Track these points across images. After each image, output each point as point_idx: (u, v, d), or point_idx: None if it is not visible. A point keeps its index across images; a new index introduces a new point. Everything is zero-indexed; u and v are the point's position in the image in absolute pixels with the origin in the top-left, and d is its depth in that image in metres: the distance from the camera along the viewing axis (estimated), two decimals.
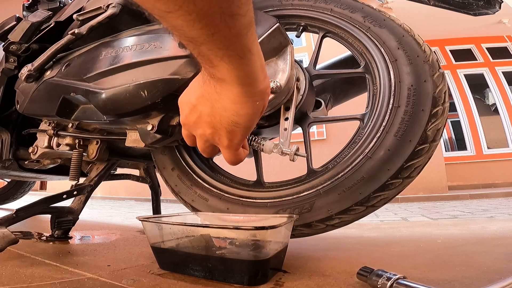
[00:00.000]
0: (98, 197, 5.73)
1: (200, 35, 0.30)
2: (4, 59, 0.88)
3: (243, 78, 0.35)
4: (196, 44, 0.32)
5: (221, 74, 0.35)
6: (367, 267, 0.44)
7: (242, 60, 0.34)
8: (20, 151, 0.99)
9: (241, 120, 0.39)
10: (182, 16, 0.28)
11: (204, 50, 0.32)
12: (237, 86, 0.36)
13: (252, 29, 0.32)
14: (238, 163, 0.47)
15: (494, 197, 4.06)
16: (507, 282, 0.35)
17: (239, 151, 0.45)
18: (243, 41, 0.32)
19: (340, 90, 0.89)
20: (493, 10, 0.76)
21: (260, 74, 0.37)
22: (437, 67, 0.61)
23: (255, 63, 0.35)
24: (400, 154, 0.57)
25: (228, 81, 0.36)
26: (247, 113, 0.39)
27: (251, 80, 0.36)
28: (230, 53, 0.32)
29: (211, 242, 0.50)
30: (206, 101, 0.40)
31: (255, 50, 0.35)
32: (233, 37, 0.31)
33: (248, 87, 0.37)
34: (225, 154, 0.45)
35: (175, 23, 0.29)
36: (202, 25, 0.29)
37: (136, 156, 1.03)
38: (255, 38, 0.34)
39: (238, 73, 0.35)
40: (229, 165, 0.48)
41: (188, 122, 0.44)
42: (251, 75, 0.36)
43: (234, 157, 0.45)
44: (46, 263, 0.61)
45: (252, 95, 0.38)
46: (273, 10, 0.78)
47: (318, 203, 0.60)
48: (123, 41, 0.69)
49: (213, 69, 0.35)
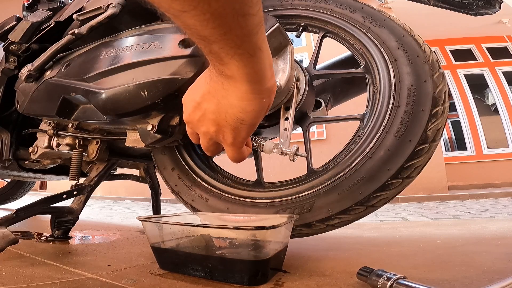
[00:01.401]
0: (98, 197, 5.73)
1: (212, 34, 0.31)
2: (4, 59, 0.88)
3: (252, 75, 0.36)
4: (207, 43, 0.32)
5: (231, 72, 0.35)
6: (367, 267, 0.44)
7: (253, 58, 0.34)
8: (20, 151, 0.98)
9: (247, 117, 0.40)
10: (196, 15, 0.28)
11: (215, 48, 0.33)
12: (245, 84, 0.37)
13: (262, 28, 0.33)
14: (241, 161, 0.48)
15: (494, 197, 4.06)
16: (507, 282, 0.35)
17: (242, 149, 0.46)
18: (254, 39, 0.33)
19: (340, 90, 0.89)
20: (493, 10, 0.76)
21: (268, 72, 0.38)
22: (437, 67, 0.61)
23: (264, 61, 0.36)
24: (400, 154, 0.57)
25: (237, 79, 0.36)
26: (254, 110, 0.39)
27: (260, 77, 0.37)
28: (241, 51, 0.33)
29: (211, 242, 0.50)
30: (212, 98, 0.40)
31: (265, 48, 0.35)
32: (245, 36, 0.32)
33: (257, 84, 0.37)
34: (229, 151, 0.45)
35: (188, 22, 0.30)
36: (216, 25, 0.29)
37: (136, 156, 1.03)
38: (265, 37, 0.35)
39: (248, 70, 0.35)
40: (232, 162, 0.48)
41: (192, 119, 0.44)
42: (260, 72, 0.36)
43: (238, 154, 0.45)
44: (46, 263, 0.61)
45: (260, 92, 0.38)
46: (273, 10, 0.78)
47: (318, 203, 0.60)
48: (123, 41, 0.69)
49: (223, 66, 0.35)
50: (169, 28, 0.65)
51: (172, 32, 0.64)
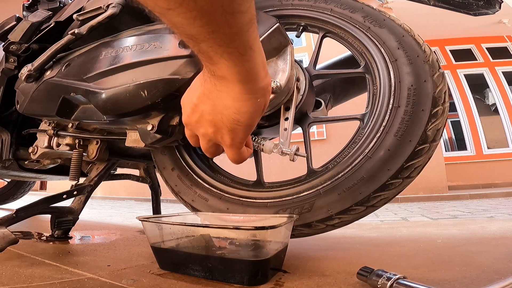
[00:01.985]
0: (98, 197, 5.73)
1: (200, 32, 0.30)
2: (4, 59, 0.88)
3: (244, 75, 0.35)
4: (196, 42, 0.32)
5: (221, 72, 0.35)
6: (367, 267, 0.44)
7: (243, 57, 0.33)
8: (20, 151, 0.98)
9: (243, 118, 0.39)
10: (183, 13, 0.28)
11: (204, 48, 0.32)
12: (237, 84, 0.36)
13: (253, 26, 0.32)
14: (242, 162, 0.47)
15: (494, 197, 4.06)
16: (507, 282, 0.35)
17: (242, 149, 0.45)
18: (244, 38, 0.32)
19: (340, 90, 0.89)
20: (493, 10, 0.76)
21: (261, 71, 0.37)
22: (437, 67, 0.61)
23: (256, 60, 0.35)
24: (400, 154, 0.57)
25: (229, 79, 0.35)
26: (249, 111, 0.38)
27: (252, 77, 0.36)
28: (230, 50, 0.32)
29: (211, 242, 0.50)
30: (207, 99, 0.40)
31: (256, 47, 0.34)
32: (234, 35, 0.31)
33: (249, 84, 0.36)
34: (228, 153, 0.45)
35: (175, 21, 0.29)
36: (203, 23, 0.29)
37: (136, 156, 1.03)
38: (256, 35, 0.34)
39: (238, 70, 0.34)
40: (233, 164, 0.48)
41: (190, 121, 0.44)
42: (252, 72, 0.35)
43: (238, 156, 0.45)
44: (46, 263, 0.61)
45: (253, 92, 0.37)
46: (273, 10, 0.78)
47: (318, 203, 0.60)
48: (123, 41, 0.69)
49: (213, 66, 0.35)
50: (169, 28, 0.65)
51: (172, 32, 0.63)
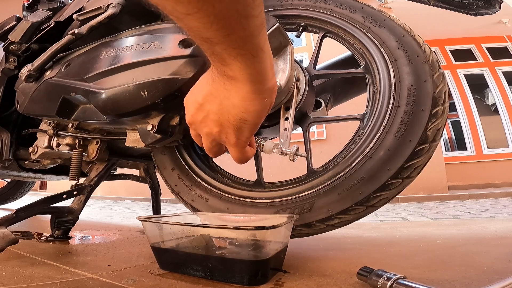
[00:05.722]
0: (98, 197, 5.73)
1: (216, 35, 0.31)
2: (4, 59, 0.88)
3: (254, 76, 0.36)
4: (210, 44, 0.33)
5: (233, 73, 0.36)
6: (367, 267, 0.44)
7: (255, 58, 0.35)
8: (20, 151, 0.99)
9: (250, 117, 0.40)
10: (200, 18, 0.29)
11: (218, 50, 0.33)
12: (248, 84, 0.37)
13: (264, 29, 0.34)
14: (245, 162, 0.48)
15: (494, 197, 4.06)
16: (507, 282, 0.35)
17: (246, 149, 0.46)
18: (256, 40, 0.33)
19: (340, 90, 0.89)
20: (493, 10, 0.76)
21: (269, 72, 0.38)
22: (437, 67, 0.61)
23: (266, 61, 0.36)
24: (400, 154, 0.57)
25: (240, 79, 0.37)
26: (256, 110, 0.40)
27: (262, 77, 0.37)
28: (243, 52, 0.33)
29: (211, 242, 0.50)
30: (214, 99, 0.41)
31: (266, 49, 0.36)
32: (247, 37, 0.32)
33: (259, 84, 0.38)
34: (232, 152, 0.45)
35: (192, 25, 0.30)
36: (219, 27, 0.30)
37: (136, 156, 1.03)
38: (266, 37, 0.36)
39: (250, 71, 0.36)
40: (233, 164, 0.48)
41: (194, 121, 0.44)
42: (262, 73, 0.37)
43: (242, 155, 0.46)
44: (46, 263, 0.61)
45: (262, 92, 0.39)
46: (273, 10, 0.78)
47: (318, 203, 0.60)
48: (123, 41, 0.68)
49: (225, 67, 0.36)
50: (169, 28, 0.65)
51: (172, 32, 0.64)
